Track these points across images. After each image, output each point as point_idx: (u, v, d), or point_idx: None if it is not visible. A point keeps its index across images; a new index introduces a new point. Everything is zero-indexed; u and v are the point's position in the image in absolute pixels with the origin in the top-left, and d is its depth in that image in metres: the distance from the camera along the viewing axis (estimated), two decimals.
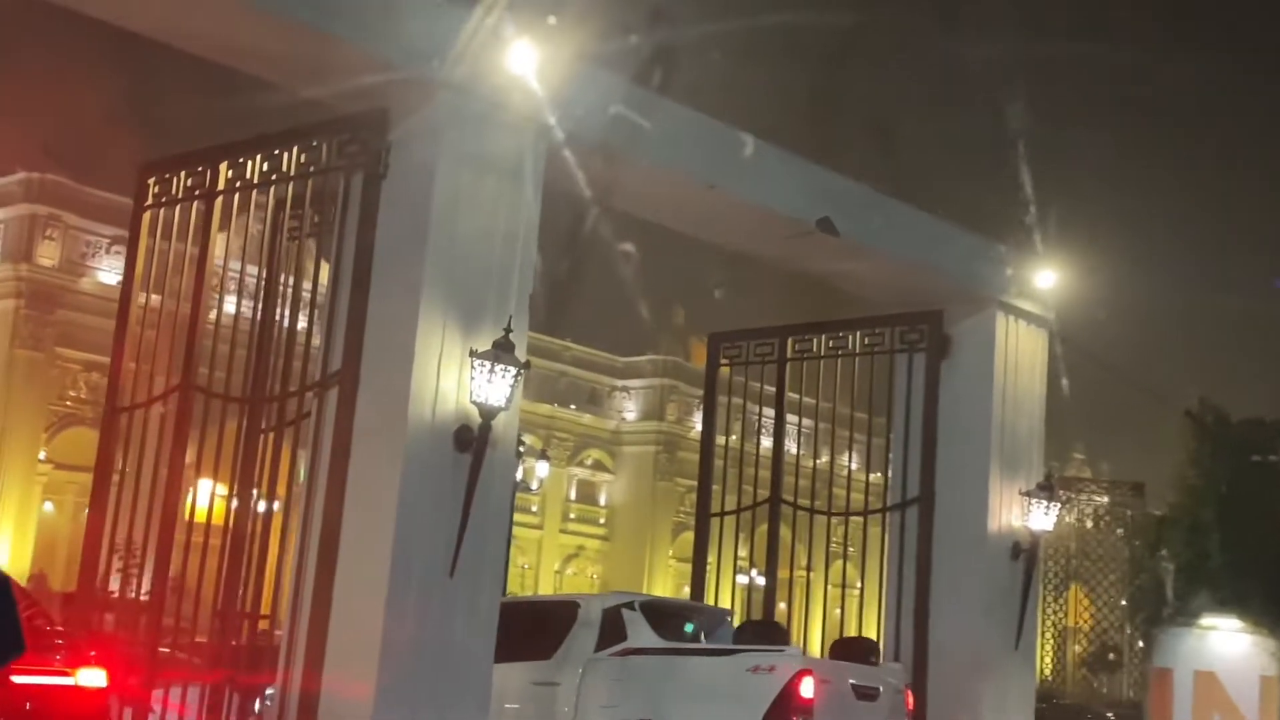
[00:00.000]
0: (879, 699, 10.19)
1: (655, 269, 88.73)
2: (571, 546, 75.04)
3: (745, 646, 10.36)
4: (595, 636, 10.29)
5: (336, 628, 8.76)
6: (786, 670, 9.53)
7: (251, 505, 9.45)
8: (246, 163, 9.82)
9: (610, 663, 10.14)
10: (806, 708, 9.36)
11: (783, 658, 9.76)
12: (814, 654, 12.65)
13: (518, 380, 8.93)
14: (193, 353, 9.86)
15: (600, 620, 10.39)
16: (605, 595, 11.45)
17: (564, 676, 10.12)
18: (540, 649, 10.21)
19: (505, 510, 9.41)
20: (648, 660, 10.13)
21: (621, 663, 10.14)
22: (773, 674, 9.53)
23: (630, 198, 10.94)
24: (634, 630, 10.35)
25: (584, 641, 10.29)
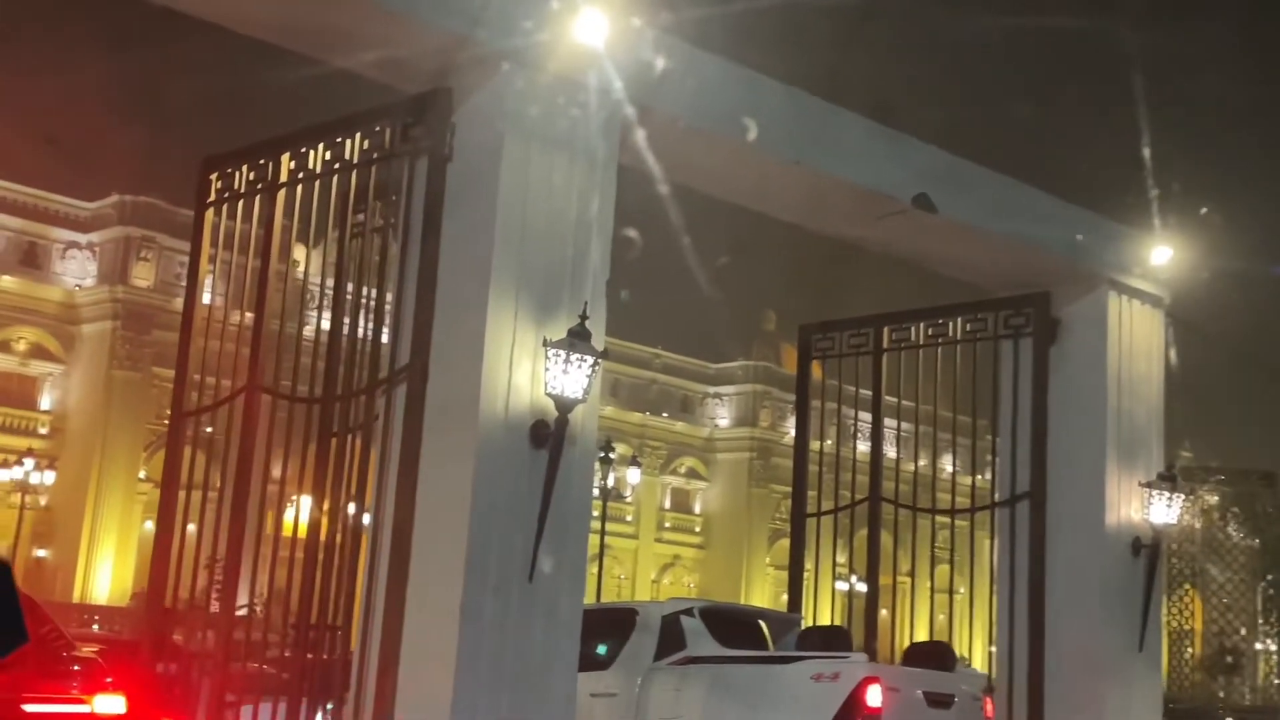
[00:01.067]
0: (953, 706, 9.74)
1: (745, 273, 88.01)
2: (667, 556, 74.58)
3: (808, 653, 9.96)
4: (654, 645, 10.00)
5: (410, 637, 8.26)
6: (851, 677, 9.15)
7: (324, 510, 8.97)
8: (308, 152, 9.39)
9: (669, 672, 9.83)
10: (873, 716, 8.97)
11: (847, 665, 9.36)
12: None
13: (596, 370, 8.37)
14: (258, 352, 9.44)
15: (659, 628, 10.09)
16: (664, 602, 11.04)
17: (622, 687, 9.78)
18: (598, 659, 9.82)
19: (586, 510, 8.84)
20: (708, 669, 9.80)
21: (681, 672, 9.81)
22: (837, 682, 9.17)
23: (711, 178, 10.32)
24: (694, 638, 10.04)
25: (642, 650, 9.97)
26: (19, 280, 52.94)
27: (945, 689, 9.85)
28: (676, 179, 10.22)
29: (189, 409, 9.86)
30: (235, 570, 9.29)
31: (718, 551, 75.18)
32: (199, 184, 10.14)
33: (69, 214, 54.75)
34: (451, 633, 8.07)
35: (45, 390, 54.17)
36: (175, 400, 10.01)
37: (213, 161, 10.11)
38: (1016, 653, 11.65)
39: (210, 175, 10.08)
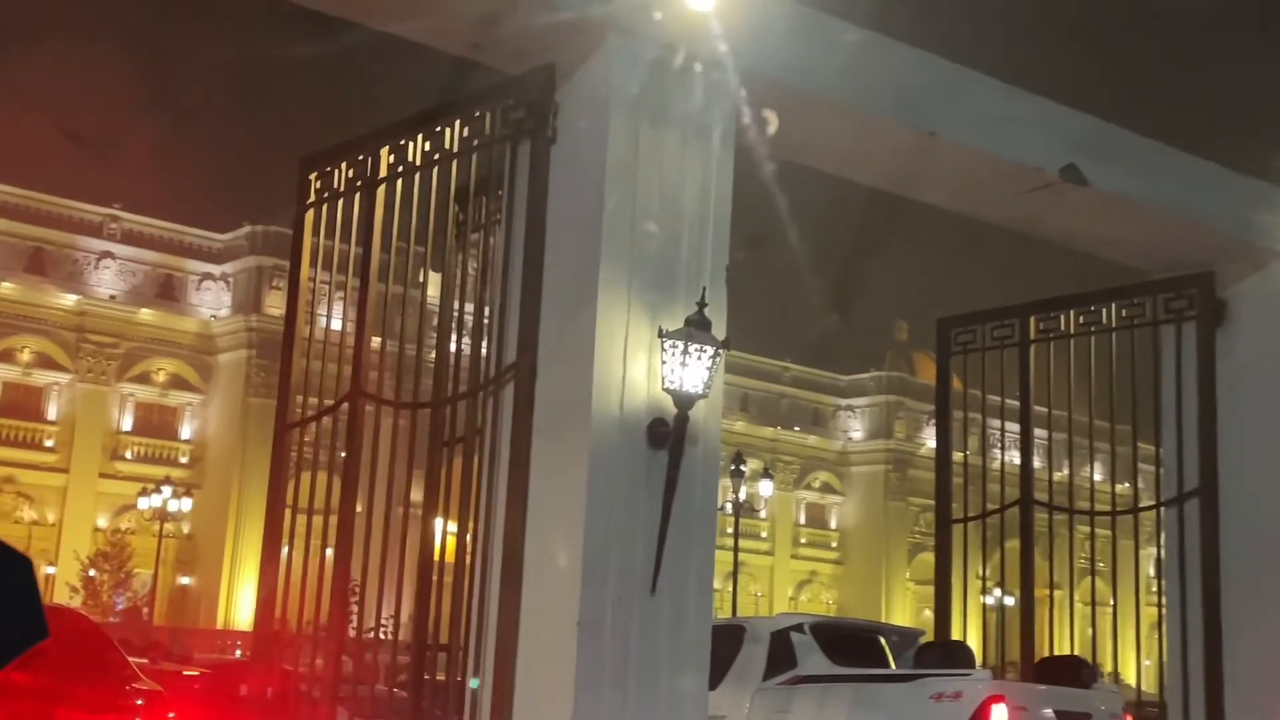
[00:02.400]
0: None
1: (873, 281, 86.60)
2: (804, 572, 73.39)
3: (927, 671, 9.39)
4: (763, 663, 9.58)
5: (525, 657, 7.63)
6: (974, 696, 8.59)
7: (433, 522, 8.42)
8: (407, 144, 8.87)
9: (779, 692, 9.41)
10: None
11: (968, 682, 8.79)
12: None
13: (717, 362, 7.66)
14: (361, 356, 8.93)
15: (768, 645, 9.68)
16: (773, 617, 10.41)
17: (730, 707, 9.31)
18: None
19: (711, 516, 8.13)
20: (819, 689, 9.34)
21: (791, 692, 9.39)
22: (959, 701, 8.63)
23: (836, 155, 9.55)
24: (805, 655, 9.58)
25: (751, 669, 9.53)
26: (157, 313, 54.22)
27: (1079, 707, 9.23)
28: (798, 158, 9.48)
29: (292, 420, 9.39)
30: (344, 589, 8.77)
31: (855, 567, 73.77)
32: (298, 185, 9.70)
33: (203, 246, 55.97)
34: (569, 650, 7.43)
35: (185, 419, 55.34)
36: (279, 412, 9.56)
37: (311, 161, 9.66)
38: (1191, 666, 10.61)
39: (309, 175, 9.63)
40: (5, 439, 51.35)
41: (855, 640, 10.61)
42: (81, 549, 50.57)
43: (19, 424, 51.71)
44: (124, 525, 51.86)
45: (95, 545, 51.04)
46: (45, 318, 51.89)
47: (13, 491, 51.26)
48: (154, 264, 54.86)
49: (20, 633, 2.78)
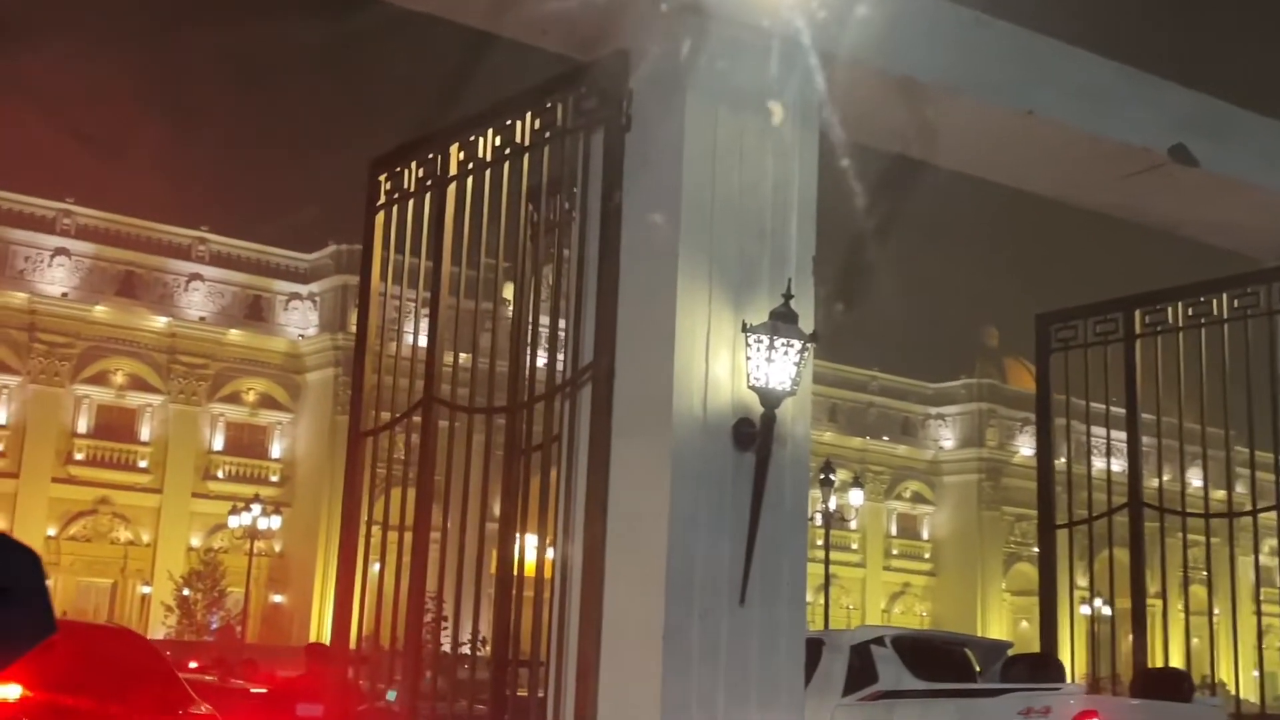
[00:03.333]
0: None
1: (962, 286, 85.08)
2: (896, 584, 72.21)
3: (1015, 685, 9.04)
4: (842, 678, 9.31)
5: (608, 671, 7.22)
6: (1065, 712, 8.28)
7: (513, 532, 8.06)
8: (477, 140, 8.53)
9: (859, 708, 9.16)
10: None
11: (1058, 697, 8.43)
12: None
13: (805, 356, 7.21)
14: (434, 361, 8.61)
15: (848, 659, 9.40)
16: (853, 630, 9.96)
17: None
18: None
19: (802, 521, 7.67)
20: (901, 704, 9.04)
21: (871, 708, 9.12)
22: (1048, 717, 8.32)
23: (925, 139, 9.05)
24: (886, 670, 9.29)
25: (830, 684, 9.23)
26: (246, 333, 54.82)
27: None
28: (882, 143, 9.01)
29: (366, 429, 9.09)
30: (419, 603, 8.43)
31: (949, 578, 72.45)
32: (368, 187, 9.41)
33: (289, 266, 56.53)
34: (654, 664, 7.01)
35: (274, 438, 55.85)
36: (352, 420, 9.26)
37: (380, 163, 9.37)
38: None
39: (379, 177, 9.35)
40: (101, 460, 52.17)
41: (940, 654, 10.21)
42: (176, 568, 51.17)
43: (114, 445, 52.50)
44: (217, 544, 52.42)
45: (189, 564, 51.62)
46: (137, 340, 52.66)
47: (109, 512, 52.04)
48: (242, 285, 55.49)
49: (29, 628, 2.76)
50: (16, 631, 2.75)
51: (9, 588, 2.74)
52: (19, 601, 2.75)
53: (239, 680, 16.44)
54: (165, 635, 48.43)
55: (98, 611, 51.41)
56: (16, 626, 2.75)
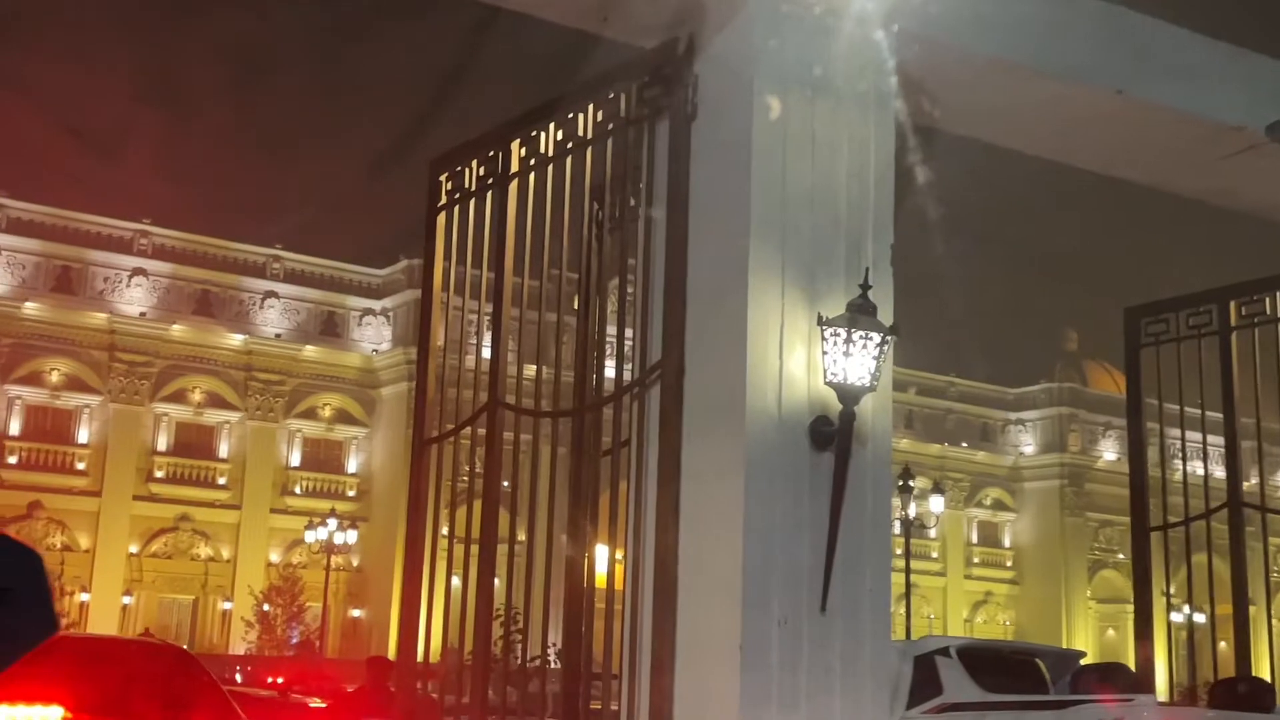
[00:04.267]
0: None
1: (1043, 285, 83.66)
2: (978, 593, 71.01)
3: (1085, 697, 8.81)
4: (907, 690, 9.08)
5: (684, 684, 6.88)
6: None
7: (583, 539, 7.76)
8: (539, 135, 8.26)
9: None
10: None
11: (1133, 709, 8.24)
12: None
13: (885, 350, 6.83)
14: (498, 363, 8.33)
15: (912, 670, 9.17)
16: (917, 641, 9.62)
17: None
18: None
19: (885, 525, 7.28)
20: (966, 717, 8.82)
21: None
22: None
23: (1007, 123, 8.64)
24: (951, 681, 9.07)
25: (894, 696, 8.84)
26: (321, 349, 55.21)
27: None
28: (964, 128, 8.61)
29: (430, 436, 8.83)
30: (487, 614, 8.15)
31: (1032, 586, 71.15)
32: (429, 188, 9.17)
33: (362, 282, 56.89)
34: (732, 677, 6.66)
35: (350, 453, 56.16)
36: (416, 427, 9.02)
37: (441, 162, 9.13)
38: None
39: (439, 177, 9.10)
40: (180, 478, 52.76)
41: (1008, 664, 9.86)
42: (256, 584, 51.57)
43: (193, 463, 53.08)
44: (295, 560, 52.78)
45: (268, 580, 51.99)
46: (214, 358, 53.22)
47: (189, 529, 52.59)
48: (316, 301, 55.93)
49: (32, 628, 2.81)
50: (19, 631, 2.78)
51: (11, 588, 2.75)
52: (21, 601, 2.77)
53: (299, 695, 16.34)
54: (246, 650, 48.82)
55: (180, 627, 51.96)
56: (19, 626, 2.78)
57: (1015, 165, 10.04)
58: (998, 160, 10.28)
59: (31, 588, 2.82)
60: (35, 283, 50.18)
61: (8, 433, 49.67)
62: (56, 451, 50.26)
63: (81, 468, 50.57)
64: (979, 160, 9.48)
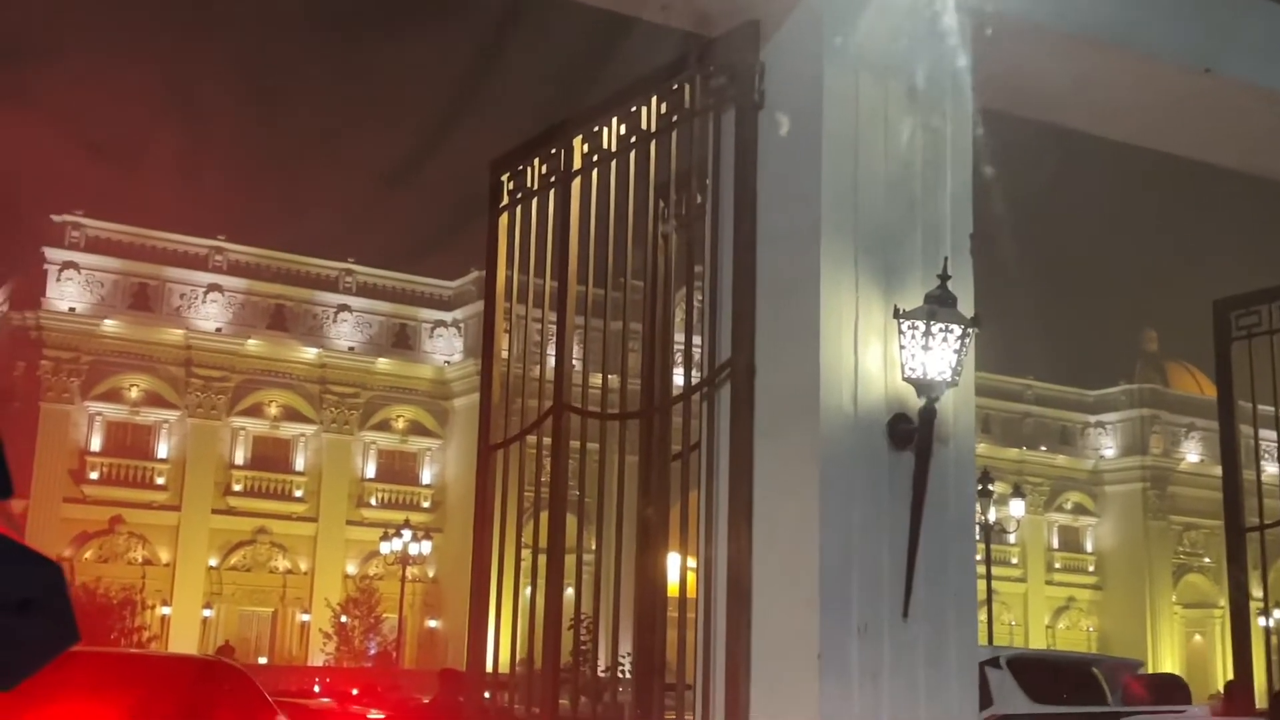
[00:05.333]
0: None
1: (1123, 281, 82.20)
2: (1060, 599, 69.82)
3: (1136, 709, 8.70)
4: None
5: (760, 695, 6.61)
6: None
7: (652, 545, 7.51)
8: (601, 130, 8.04)
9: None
10: None
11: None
12: None
13: (966, 343, 6.52)
14: (563, 366, 8.12)
15: None
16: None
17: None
18: None
19: (969, 526, 6.97)
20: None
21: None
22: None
23: (1089, 106, 8.27)
24: (1001, 692, 8.91)
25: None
26: (394, 361, 55.55)
27: None
28: (1041, 111, 8.26)
29: (494, 441, 8.64)
30: (556, 623, 7.94)
31: (1116, 592, 69.84)
32: (489, 189, 8.99)
33: (433, 294, 57.19)
34: (810, 685, 6.38)
35: (424, 464, 56.41)
36: (480, 433, 8.83)
37: (501, 162, 8.94)
38: None
39: (501, 177, 8.91)
40: (258, 491, 53.29)
41: (1063, 675, 9.59)
42: (333, 596, 51.92)
43: (270, 476, 53.60)
44: (371, 571, 53.07)
45: (345, 592, 52.31)
46: (290, 372, 53.73)
47: (267, 542, 53.10)
48: (388, 314, 56.31)
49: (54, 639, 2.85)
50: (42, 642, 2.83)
51: (34, 599, 2.79)
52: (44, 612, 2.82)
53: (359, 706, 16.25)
54: (324, 662, 49.15)
55: (259, 640, 52.43)
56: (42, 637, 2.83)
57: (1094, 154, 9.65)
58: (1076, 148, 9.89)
59: (53, 598, 2.84)
60: (114, 300, 50.97)
61: (89, 449, 50.46)
62: (137, 467, 50.99)
63: (161, 482, 51.26)
64: (1056, 148, 9.11)
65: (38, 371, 49.28)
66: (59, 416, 49.45)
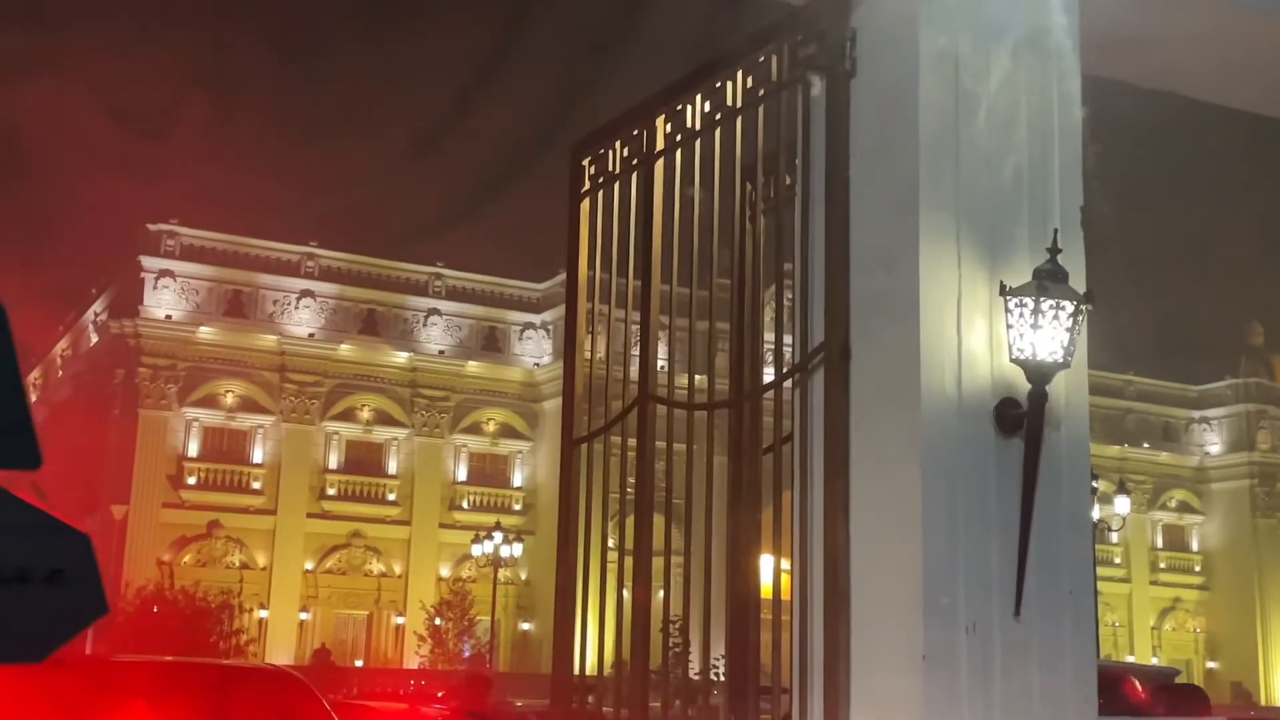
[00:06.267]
0: None
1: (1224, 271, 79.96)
2: (1166, 599, 68.03)
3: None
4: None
5: (861, 700, 6.20)
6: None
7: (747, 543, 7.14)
8: (685, 108, 7.68)
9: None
10: None
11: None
12: None
13: (1079, 321, 6.06)
14: (648, 355, 7.77)
15: None
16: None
17: None
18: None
19: (1085, 518, 6.50)
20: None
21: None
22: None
23: (1205, 72, 7.73)
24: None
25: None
26: (484, 365, 55.68)
27: None
28: (1155, 80, 7.75)
29: (579, 435, 8.32)
30: (645, 621, 7.59)
31: (1224, 592, 67.87)
32: (571, 174, 8.68)
33: (522, 296, 57.24)
34: (915, 691, 5.96)
35: (515, 467, 56.47)
36: (564, 427, 8.51)
37: (583, 146, 8.63)
38: None
39: (582, 162, 8.60)
40: (352, 495, 53.71)
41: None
42: (427, 598, 52.14)
43: (363, 480, 53.99)
44: (465, 574, 53.21)
45: (439, 594, 52.50)
46: (381, 376, 54.11)
47: (361, 545, 53.49)
48: (478, 317, 56.48)
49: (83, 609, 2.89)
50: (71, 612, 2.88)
51: (63, 569, 2.82)
52: (73, 583, 2.86)
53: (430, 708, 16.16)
54: (419, 664, 49.34)
55: (355, 643, 52.82)
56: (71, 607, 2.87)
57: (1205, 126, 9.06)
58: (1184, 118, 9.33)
59: (82, 569, 2.86)
60: (209, 307, 51.71)
61: (187, 454, 51.22)
62: (233, 471, 51.64)
63: (257, 487, 51.87)
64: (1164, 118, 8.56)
65: (136, 379, 50.13)
66: (157, 423, 50.25)
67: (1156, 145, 8.22)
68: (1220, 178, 68.91)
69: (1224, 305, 74.66)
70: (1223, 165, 59.51)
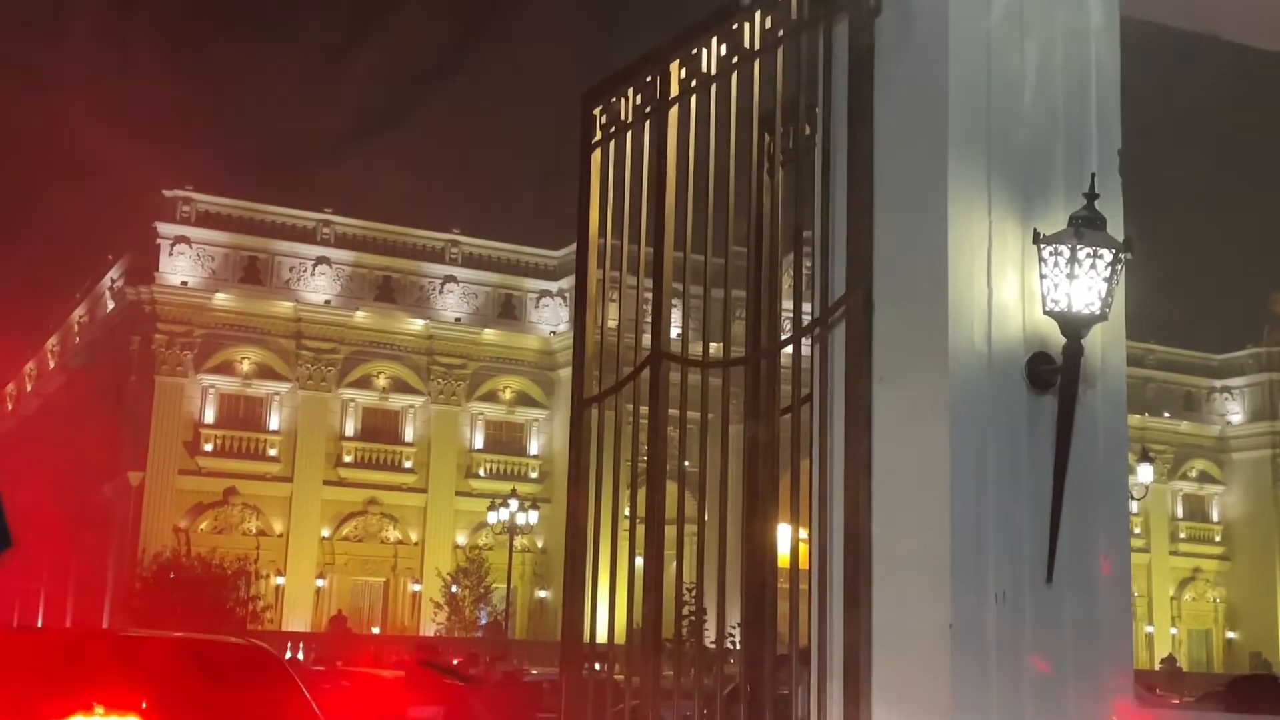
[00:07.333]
0: None
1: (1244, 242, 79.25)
2: (1185, 570, 67.68)
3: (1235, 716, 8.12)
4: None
5: (883, 670, 5.90)
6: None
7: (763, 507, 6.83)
8: (700, 52, 7.32)
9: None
10: None
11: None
12: None
13: (1117, 271, 5.71)
14: (661, 311, 7.45)
15: None
16: None
17: None
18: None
19: (1121, 479, 6.18)
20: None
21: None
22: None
23: (1259, 18, 7.33)
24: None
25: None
26: (500, 332, 55.45)
27: None
28: (1194, 22, 7.35)
29: (589, 395, 8.01)
30: (656, 588, 7.29)
31: (1244, 562, 67.51)
32: (582, 123, 8.32)
33: (538, 264, 56.95)
34: (942, 661, 5.66)
35: (531, 435, 56.32)
36: (574, 386, 8.20)
37: (594, 94, 8.26)
38: None
39: (593, 110, 8.24)
40: (369, 462, 53.68)
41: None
42: (443, 566, 52.14)
43: (380, 447, 53.92)
44: (481, 541, 53.16)
45: (455, 562, 52.49)
46: (397, 343, 53.96)
47: (378, 513, 53.48)
48: (494, 285, 56.25)
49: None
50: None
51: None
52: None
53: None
54: (436, 632, 49.35)
55: (371, 610, 52.88)
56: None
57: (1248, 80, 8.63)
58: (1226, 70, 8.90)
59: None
60: (224, 274, 51.57)
61: (203, 421, 51.19)
62: (250, 438, 51.60)
63: (273, 454, 51.85)
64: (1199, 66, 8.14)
65: (152, 345, 50.05)
66: (173, 390, 50.19)
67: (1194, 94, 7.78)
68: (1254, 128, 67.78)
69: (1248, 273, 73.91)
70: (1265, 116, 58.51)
